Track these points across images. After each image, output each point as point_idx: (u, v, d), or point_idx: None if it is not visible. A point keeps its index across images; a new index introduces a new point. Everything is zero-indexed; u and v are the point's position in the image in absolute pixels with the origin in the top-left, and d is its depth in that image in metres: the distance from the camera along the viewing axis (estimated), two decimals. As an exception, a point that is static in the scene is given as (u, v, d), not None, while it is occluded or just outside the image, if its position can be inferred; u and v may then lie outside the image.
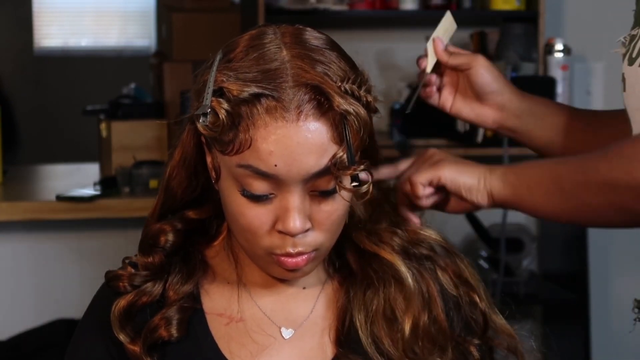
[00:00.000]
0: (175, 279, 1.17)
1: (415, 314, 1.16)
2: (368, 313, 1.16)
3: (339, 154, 1.05)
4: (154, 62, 3.83)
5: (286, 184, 1.06)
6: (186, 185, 1.17)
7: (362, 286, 1.17)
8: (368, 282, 1.17)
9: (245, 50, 1.08)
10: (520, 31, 2.89)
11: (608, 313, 3.21)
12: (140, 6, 6.76)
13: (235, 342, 1.15)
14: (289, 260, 1.10)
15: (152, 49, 6.41)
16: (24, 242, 2.97)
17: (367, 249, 1.18)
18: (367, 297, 1.17)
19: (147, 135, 3.13)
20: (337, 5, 2.96)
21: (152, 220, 1.19)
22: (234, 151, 1.06)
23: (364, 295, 1.17)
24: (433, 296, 1.18)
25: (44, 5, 6.76)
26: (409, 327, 1.15)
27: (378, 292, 1.17)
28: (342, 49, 1.12)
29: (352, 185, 1.07)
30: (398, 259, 1.17)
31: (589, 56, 3.15)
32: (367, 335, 1.15)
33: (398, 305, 1.16)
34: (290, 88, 1.05)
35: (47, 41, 6.81)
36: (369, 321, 1.16)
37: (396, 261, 1.17)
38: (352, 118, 1.05)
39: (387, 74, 3.12)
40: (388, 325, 1.16)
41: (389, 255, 1.17)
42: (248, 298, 1.18)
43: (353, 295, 1.17)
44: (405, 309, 1.16)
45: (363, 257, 1.19)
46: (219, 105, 1.05)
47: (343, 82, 1.07)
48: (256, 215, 1.08)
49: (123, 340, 1.14)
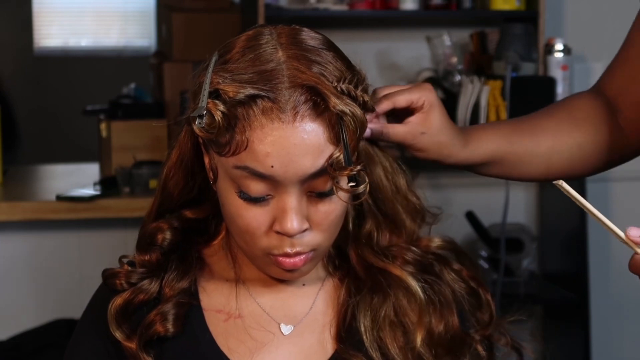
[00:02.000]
0: (171, 276, 1.17)
1: (427, 327, 1.16)
2: (375, 319, 1.16)
3: (336, 154, 1.05)
4: (154, 62, 3.83)
5: (283, 185, 1.06)
6: (183, 186, 1.17)
7: (370, 292, 1.17)
8: (376, 288, 1.17)
9: (241, 52, 1.08)
10: (520, 31, 2.89)
11: (608, 313, 3.21)
12: (140, 6, 6.76)
13: (233, 338, 1.15)
14: (287, 260, 1.10)
15: (152, 49, 6.41)
16: (24, 242, 2.97)
17: (374, 264, 1.18)
18: (374, 302, 1.16)
19: (147, 135, 3.13)
20: (337, 5, 2.96)
21: (149, 220, 1.20)
22: (230, 152, 1.06)
23: (371, 300, 1.17)
24: (449, 303, 1.19)
25: (44, 5, 6.76)
26: (420, 338, 1.15)
27: (386, 299, 1.16)
28: (338, 48, 1.12)
29: (349, 186, 1.07)
30: (407, 274, 1.17)
31: (589, 56, 3.15)
32: (372, 340, 1.15)
33: (408, 316, 1.16)
34: (287, 89, 1.04)
35: (47, 41, 6.81)
36: (375, 327, 1.15)
37: (405, 277, 1.17)
38: (349, 118, 1.05)
39: (387, 74, 3.12)
40: (395, 333, 1.16)
41: (398, 271, 1.17)
42: (247, 295, 1.18)
43: (360, 298, 1.17)
44: (417, 321, 1.16)
45: (372, 267, 1.19)
46: (215, 107, 1.05)
47: (339, 82, 1.07)
48: (254, 217, 1.08)
49: (119, 337, 1.14)
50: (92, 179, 3.07)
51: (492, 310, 1.23)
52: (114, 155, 3.11)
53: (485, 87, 2.81)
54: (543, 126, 1.32)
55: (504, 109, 2.80)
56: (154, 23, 6.57)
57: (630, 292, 3.18)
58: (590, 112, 1.33)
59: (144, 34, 6.80)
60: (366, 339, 1.15)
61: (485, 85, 2.82)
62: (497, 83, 2.81)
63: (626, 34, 1.34)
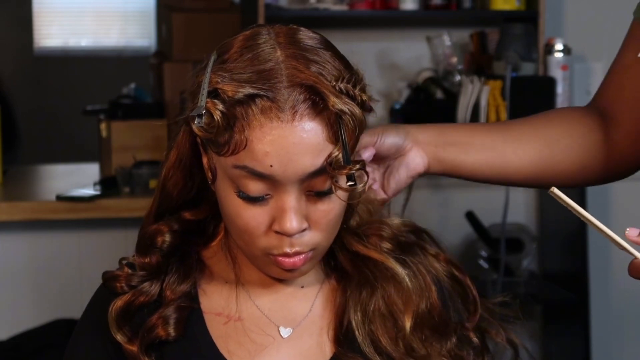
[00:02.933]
0: (172, 278, 1.17)
1: (414, 310, 1.16)
2: (365, 313, 1.16)
3: (335, 153, 1.05)
4: (154, 62, 3.83)
5: (282, 185, 1.06)
6: (182, 186, 1.17)
7: (358, 286, 1.17)
8: (363, 282, 1.17)
9: (239, 51, 1.08)
10: (520, 31, 2.88)
11: (608, 313, 3.21)
12: (140, 6, 6.76)
13: (233, 341, 1.15)
14: (287, 260, 1.10)
15: (152, 49, 6.41)
16: (24, 242, 2.97)
17: (358, 251, 1.19)
18: (363, 297, 1.17)
19: (147, 135, 3.13)
20: (337, 5, 2.96)
21: (148, 221, 1.19)
22: (229, 152, 1.06)
23: (359, 295, 1.17)
24: (428, 285, 1.19)
25: (44, 5, 6.76)
26: (409, 325, 1.16)
27: (374, 292, 1.17)
28: (336, 48, 1.12)
29: (347, 185, 1.07)
30: (390, 258, 1.18)
31: (589, 56, 3.15)
32: (365, 335, 1.15)
33: (396, 304, 1.16)
34: (285, 88, 1.04)
35: (47, 41, 6.81)
36: (366, 321, 1.16)
37: (389, 261, 1.17)
38: (348, 117, 1.05)
39: (387, 74, 3.12)
40: (386, 324, 1.16)
41: (378, 256, 1.18)
42: (246, 297, 1.18)
43: (349, 295, 1.17)
44: (404, 307, 1.16)
45: (357, 258, 1.19)
46: (214, 106, 1.05)
47: (338, 81, 1.06)
48: (253, 216, 1.08)
49: (120, 340, 1.14)
50: (92, 179, 3.07)
51: (474, 293, 1.23)
52: (114, 155, 3.11)
53: (485, 87, 2.81)
54: (525, 131, 1.33)
55: (504, 109, 2.80)
56: (154, 23, 6.57)
57: (630, 293, 3.18)
58: (574, 121, 1.33)
59: (144, 34, 6.80)
60: (359, 334, 1.15)
61: (485, 85, 2.82)
62: (497, 83, 2.81)
63: (626, 34, 1.34)
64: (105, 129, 3.20)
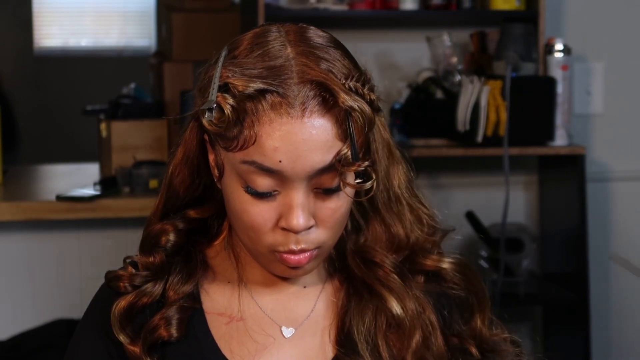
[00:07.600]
0: (175, 279, 1.17)
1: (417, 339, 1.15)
2: (369, 325, 1.15)
3: (344, 150, 1.05)
4: (154, 62, 3.83)
5: (290, 181, 1.06)
6: (188, 184, 1.17)
7: (365, 297, 1.17)
8: (372, 293, 1.17)
9: (249, 47, 1.09)
10: (520, 31, 2.88)
11: (608, 313, 3.21)
12: (140, 6, 6.76)
13: (235, 341, 1.15)
14: (292, 257, 1.10)
15: (152, 49, 6.41)
16: (24, 242, 2.97)
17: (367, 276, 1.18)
18: (369, 309, 1.16)
19: (147, 135, 3.14)
20: (337, 5, 2.96)
21: (154, 219, 1.19)
22: (238, 147, 1.06)
23: (365, 306, 1.16)
24: (434, 324, 1.17)
25: (44, 5, 6.76)
26: (415, 343, 1.15)
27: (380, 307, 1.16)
28: (345, 47, 1.13)
29: (356, 182, 1.07)
30: (392, 299, 1.16)
31: (589, 56, 3.15)
32: (367, 345, 1.14)
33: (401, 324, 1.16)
34: (295, 84, 1.05)
35: (47, 41, 6.81)
36: (370, 333, 1.15)
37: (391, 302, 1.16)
38: (357, 114, 1.05)
39: (387, 74, 3.12)
40: (390, 339, 1.15)
41: (385, 294, 1.16)
42: (248, 297, 1.18)
43: (354, 304, 1.17)
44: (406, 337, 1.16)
45: (368, 263, 1.19)
46: (225, 100, 1.05)
47: (347, 79, 1.07)
48: (259, 212, 1.08)
49: (123, 340, 1.14)
50: (92, 179, 3.07)
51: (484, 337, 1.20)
52: (114, 155, 3.11)
53: (485, 87, 2.81)
54: None
55: (504, 109, 2.80)
56: (154, 23, 6.57)
57: (630, 292, 3.18)
58: None
59: (144, 34, 6.80)
60: (361, 344, 1.14)
61: (485, 85, 2.81)
62: (497, 83, 2.81)
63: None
64: (105, 129, 3.20)
